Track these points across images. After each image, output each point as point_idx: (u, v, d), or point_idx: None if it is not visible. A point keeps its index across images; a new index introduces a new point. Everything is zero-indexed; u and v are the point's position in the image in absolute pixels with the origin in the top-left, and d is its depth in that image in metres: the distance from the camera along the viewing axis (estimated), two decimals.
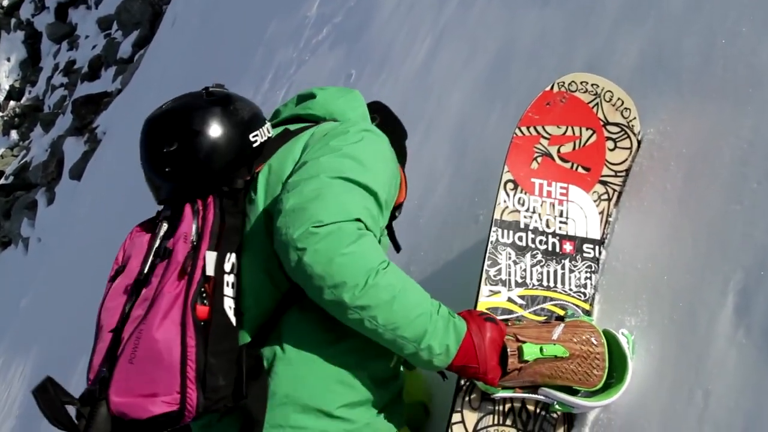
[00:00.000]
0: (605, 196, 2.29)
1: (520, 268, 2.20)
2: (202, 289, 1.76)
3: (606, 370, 1.96)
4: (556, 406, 1.98)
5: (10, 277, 13.68)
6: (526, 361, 1.87)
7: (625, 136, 2.31)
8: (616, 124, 2.31)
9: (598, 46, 2.71)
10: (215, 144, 1.91)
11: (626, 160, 2.31)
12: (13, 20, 23.22)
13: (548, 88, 2.30)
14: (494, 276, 2.16)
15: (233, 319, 1.76)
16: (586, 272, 2.22)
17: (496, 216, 2.19)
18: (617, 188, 2.29)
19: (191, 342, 1.66)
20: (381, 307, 1.70)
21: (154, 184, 1.99)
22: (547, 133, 2.28)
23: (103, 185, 10.25)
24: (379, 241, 1.94)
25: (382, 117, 2.30)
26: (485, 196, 2.41)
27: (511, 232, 2.21)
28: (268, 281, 1.85)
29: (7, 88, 22.97)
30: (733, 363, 1.76)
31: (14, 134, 21.09)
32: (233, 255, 1.82)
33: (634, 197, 2.24)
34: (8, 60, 23.29)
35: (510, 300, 2.16)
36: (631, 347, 1.99)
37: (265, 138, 1.99)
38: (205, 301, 1.75)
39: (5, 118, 21.92)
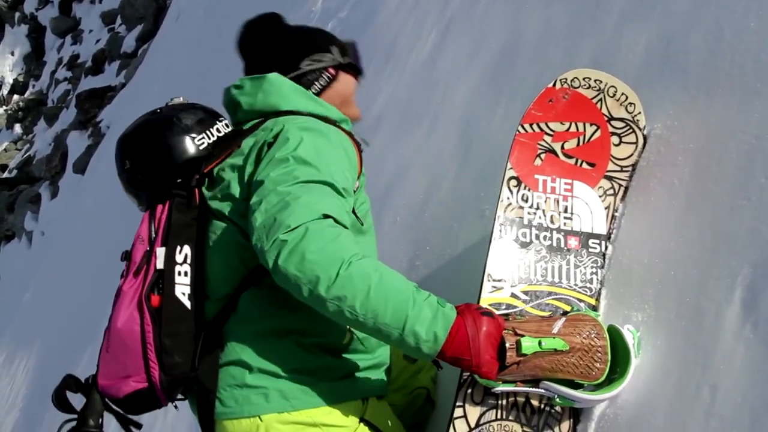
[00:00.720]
0: (611, 191, 2.28)
1: (524, 263, 2.19)
2: (160, 281, 2.02)
3: (608, 364, 1.95)
4: (557, 400, 1.97)
5: (14, 270, 13.69)
6: (525, 355, 1.86)
7: (630, 131, 2.31)
8: (621, 119, 2.31)
9: (603, 41, 2.70)
10: (158, 156, 2.17)
11: (632, 155, 2.30)
12: (17, 14, 23.23)
13: (551, 85, 2.29)
14: (497, 272, 2.15)
15: (187, 304, 2.00)
16: (592, 267, 2.21)
17: (499, 213, 2.19)
18: (623, 183, 2.28)
19: (148, 328, 1.96)
20: (357, 296, 1.77)
21: (130, 196, 2.26)
22: (551, 129, 2.28)
23: (106, 179, 10.23)
24: (362, 224, 2.15)
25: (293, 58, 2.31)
26: (491, 190, 2.40)
27: (514, 229, 2.21)
28: (229, 267, 2.06)
29: (11, 81, 22.98)
30: (740, 358, 1.75)
31: (18, 128, 21.10)
32: (186, 246, 2.04)
33: (641, 192, 2.23)
34: (12, 54, 23.30)
35: (513, 295, 2.16)
36: (636, 343, 1.98)
37: (213, 138, 2.20)
38: (160, 291, 2.01)
39: (9, 111, 21.94)
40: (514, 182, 2.23)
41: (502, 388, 1.95)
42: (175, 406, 2.15)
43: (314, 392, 2.01)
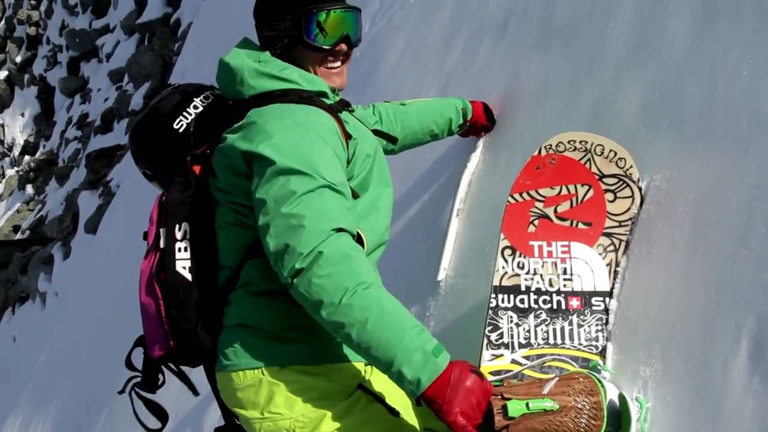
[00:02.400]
0: (611, 248, 2.28)
1: (524, 329, 2.22)
2: (164, 258, 2.20)
3: (605, 420, 1.92)
4: None
5: (29, 332, 13.70)
6: (513, 418, 1.87)
7: (625, 185, 2.31)
8: (613, 176, 2.33)
9: (601, 92, 2.72)
10: (148, 143, 2.39)
11: (629, 208, 2.30)
12: (26, 76, 23.51)
13: (536, 153, 2.34)
14: (496, 340, 2.20)
15: (188, 276, 2.17)
16: (597, 325, 2.21)
17: (495, 283, 2.23)
18: (623, 238, 2.28)
19: (160, 302, 2.17)
20: (354, 326, 1.90)
21: (152, 183, 2.46)
22: (541, 195, 2.32)
23: (118, 238, 10.30)
24: (359, 196, 2.24)
25: (266, 19, 2.35)
26: (495, 245, 2.41)
27: (511, 296, 2.24)
28: (233, 242, 2.21)
29: (22, 143, 23.19)
30: (749, 411, 1.75)
31: (30, 188, 21.24)
32: (185, 223, 2.21)
33: (643, 245, 2.23)
34: (22, 115, 23.54)
35: (514, 362, 2.18)
36: (643, 416, 1.96)
37: (192, 117, 2.32)
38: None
39: (21, 173, 22.10)
40: (508, 251, 2.27)
41: None
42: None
43: (310, 350, 2.15)
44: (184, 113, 2.32)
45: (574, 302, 2.24)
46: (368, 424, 2.15)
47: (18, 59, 23.96)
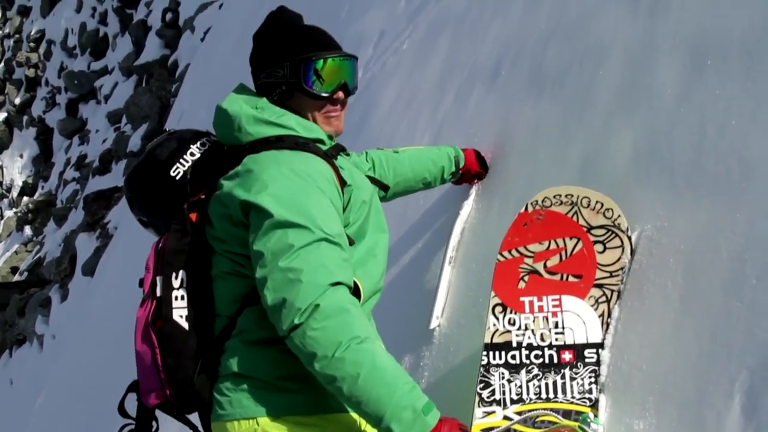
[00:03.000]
0: (603, 299, 2.27)
1: (515, 385, 2.22)
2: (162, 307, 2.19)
3: None
4: None
5: (26, 375, 13.61)
6: None
7: (614, 235, 2.31)
8: (601, 227, 2.34)
9: (592, 139, 2.72)
10: (144, 190, 2.39)
11: (620, 258, 2.29)
12: (25, 117, 23.59)
13: (522, 210, 2.37)
14: (488, 397, 2.21)
15: (185, 325, 2.16)
16: (590, 377, 2.19)
17: (486, 340, 2.25)
18: (615, 288, 2.27)
19: (157, 351, 2.15)
20: (346, 380, 1.93)
21: (148, 230, 2.48)
22: (530, 251, 2.35)
23: (115, 281, 10.27)
24: (354, 242, 2.24)
25: (265, 63, 2.35)
26: (486, 301, 2.41)
27: (503, 353, 2.26)
28: (230, 291, 2.20)
29: (21, 184, 23.21)
30: None
31: (28, 230, 21.22)
32: (181, 272, 2.19)
33: (635, 296, 2.23)
34: (21, 156, 23.59)
35: (506, 418, 2.18)
36: None
37: (189, 164, 2.32)
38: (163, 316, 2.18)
39: (19, 214, 22.10)
40: (499, 308, 2.29)
41: None
42: None
43: (304, 400, 2.14)
44: (181, 160, 2.33)
45: (567, 355, 2.23)
46: None
47: (17, 101, 24.06)
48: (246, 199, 2.09)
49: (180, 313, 2.17)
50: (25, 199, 22.64)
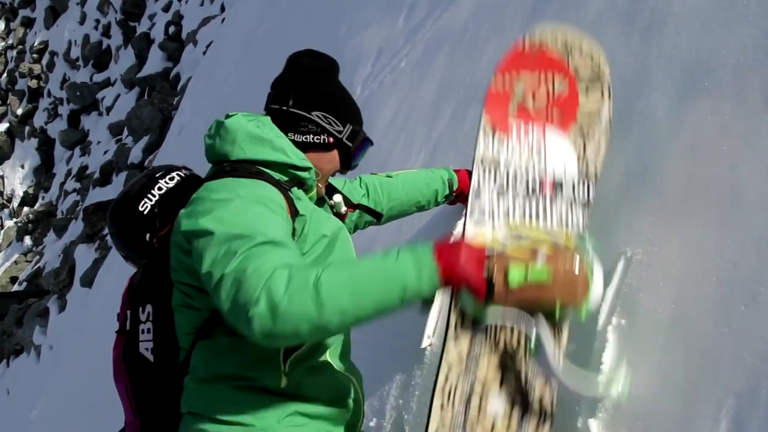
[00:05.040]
0: (580, 140, 2.41)
1: (503, 207, 2.33)
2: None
3: (590, 289, 1.97)
4: (532, 343, 2.01)
5: (23, 385, 13.61)
6: (511, 285, 1.87)
7: (597, 85, 2.45)
8: (588, 77, 2.46)
9: None
10: (119, 225, 2.44)
11: (599, 108, 2.43)
12: (27, 128, 23.69)
13: (519, 40, 2.44)
14: (478, 217, 2.30)
15: (151, 358, 2.19)
16: (567, 207, 2.33)
17: (476, 159, 2.31)
18: (592, 132, 2.42)
19: (128, 383, 2.20)
20: (348, 312, 1.79)
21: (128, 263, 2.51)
22: (522, 82, 2.42)
23: (113, 292, 10.27)
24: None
25: (295, 92, 2.37)
26: None
27: (491, 173, 2.34)
28: (184, 320, 2.16)
29: (21, 194, 23.28)
30: None
31: (28, 240, 21.27)
32: (148, 305, 2.23)
33: (624, 319, 2.23)
34: (22, 167, 23.67)
35: (494, 236, 2.28)
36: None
37: (156, 198, 2.37)
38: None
39: (19, 224, 22.15)
40: (489, 131, 2.35)
41: (489, 318, 2.05)
42: None
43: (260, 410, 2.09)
44: (149, 195, 2.38)
45: (547, 185, 2.36)
46: None
47: (19, 111, 24.16)
48: (189, 227, 2.03)
49: (146, 345, 2.21)
50: (26, 209, 22.71)
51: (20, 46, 25.08)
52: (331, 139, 2.35)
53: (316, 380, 2.19)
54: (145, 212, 2.37)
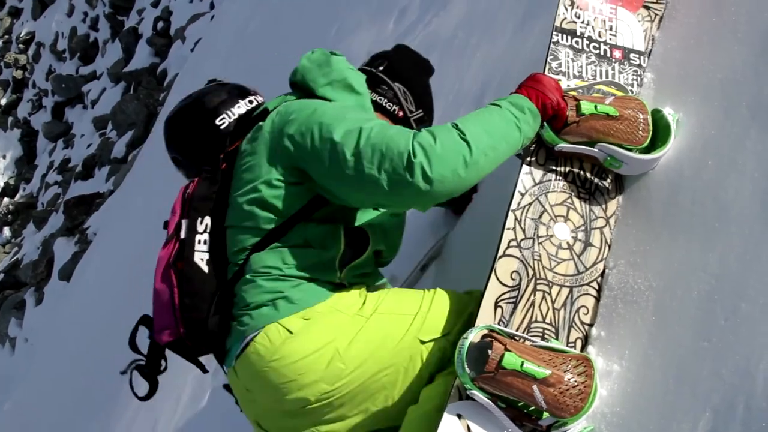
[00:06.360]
0: (648, 18, 2.72)
1: (577, 65, 2.59)
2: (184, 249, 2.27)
3: (650, 133, 2.35)
4: (608, 160, 2.34)
5: None
6: (583, 115, 2.29)
7: None
8: None
9: None
10: (184, 136, 2.53)
11: None
12: (10, 119, 23.50)
13: None
14: (555, 67, 2.56)
15: (205, 268, 2.24)
16: (633, 75, 2.62)
17: (557, 24, 2.60)
18: (659, 12, 2.72)
19: (175, 290, 2.22)
20: (497, 150, 2.12)
21: (178, 170, 2.61)
22: None
23: (92, 287, 10.22)
24: None
25: (389, 62, 2.60)
26: None
27: (568, 37, 2.62)
28: (244, 236, 2.25)
29: (2, 185, 23.09)
30: None
31: (7, 231, 21.09)
32: (207, 218, 2.29)
33: (605, 329, 2.24)
34: (4, 157, 23.47)
35: (568, 87, 2.50)
36: (675, 121, 2.36)
37: (234, 117, 2.46)
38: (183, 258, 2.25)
39: None
40: (568, 2, 2.65)
41: (562, 145, 2.34)
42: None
43: (314, 290, 2.20)
44: (228, 112, 2.47)
45: (617, 53, 2.65)
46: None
47: (2, 102, 23.97)
48: (304, 124, 2.19)
49: (201, 256, 2.25)
50: (6, 200, 22.50)
51: (6, 36, 24.88)
52: (401, 113, 2.54)
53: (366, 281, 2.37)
54: (222, 128, 2.44)
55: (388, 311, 2.22)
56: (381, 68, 2.56)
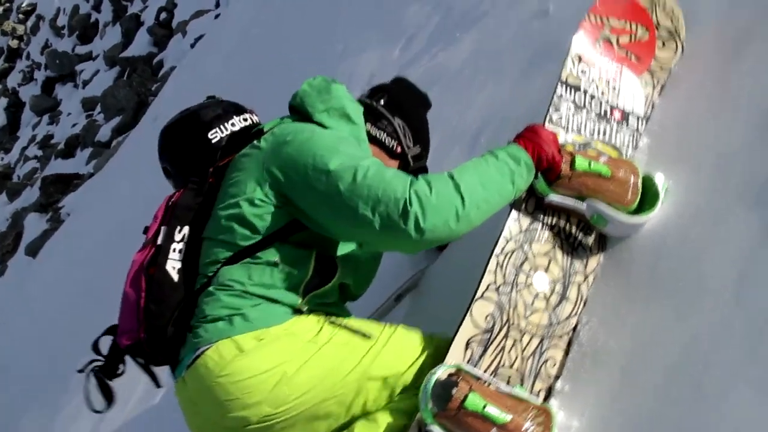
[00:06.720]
0: (651, 84, 2.79)
1: (577, 120, 2.62)
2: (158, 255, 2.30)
3: (638, 196, 2.40)
4: (595, 218, 2.40)
5: None
6: (576, 171, 2.34)
7: (672, 39, 2.84)
8: (666, 28, 2.83)
9: None
10: (177, 146, 2.58)
11: (671, 58, 2.82)
12: None
13: None
14: (556, 120, 2.58)
15: (175, 277, 2.27)
16: (629, 138, 2.68)
17: (562, 77, 2.63)
18: (662, 79, 2.80)
19: (142, 294, 2.25)
20: (486, 197, 2.14)
21: (168, 180, 2.64)
22: (610, 24, 2.77)
23: (59, 268, 10.12)
24: None
25: (389, 96, 2.64)
26: None
27: (572, 92, 2.65)
28: (219, 249, 2.27)
29: None
30: None
31: None
32: (186, 228, 2.33)
33: (570, 383, 2.26)
34: None
35: (565, 141, 2.55)
36: (664, 188, 2.41)
37: (227, 132, 2.50)
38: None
39: None
40: (576, 57, 2.68)
41: (552, 196, 2.39)
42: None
43: (272, 312, 2.21)
44: (221, 126, 2.51)
45: (617, 114, 2.70)
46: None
47: None
48: (297, 150, 2.23)
49: (173, 264, 2.29)
50: None
51: (7, 4, 24.78)
52: (399, 149, 2.59)
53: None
54: (213, 142, 2.48)
55: (342, 342, 2.23)
56: (381, 102, 2.60)
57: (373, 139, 2.52)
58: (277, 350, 2.15)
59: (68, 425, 5.42)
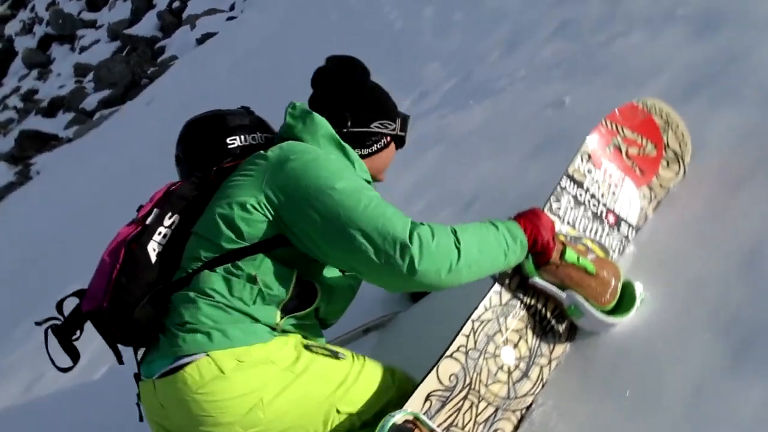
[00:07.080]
0: (648, 198, 2.95)
1: (574, 214, 2.77)
2: (143, 234, 2.35)
3: (616, 298, 2.52)
4: (572, 308, 2.53)
5: None
6: (565, 261, 2.48)
7: (677, 161, 3.02)
8: (674, 151, 3.01)
9: None
10: (195, 140, 2.65)
11: (672, 179, 3.00)
12: None
13: (636, 102, 2.96)
14: (555, 209, 2.73)
15: (153, 258, 2.33)
16: (618, 242, 2.84)
17: (569, 171, 2.78)
18: (659, 197, 2.97)
19: (118, 266, 2.29)
20: (484, 263, 2.25)
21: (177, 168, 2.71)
22: (624, 133, 2.94)
23: (16, 224, 10.02)
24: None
25: (349, 113, 2.59)
26: None
27: (575, 187, 2.80)
28: (205, 249, 2.32)
29: None
30: None
31: None
32: (177, 216, 2.40)
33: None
34: None
35: (559, 231, 2.64)
36: (641, 297, 2.52)
37: (244, 143, 2.59)
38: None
39: None
40: (586, 156, 2.85)
41: (537, 279, 2.52)
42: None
43: (252, 331, 2.26)
44: (242, 137, 2.60)
45: (611, 218, 2.86)
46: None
47: None
48: (302, 169, 2.30)
49: (155, 246, 2.35)
50: None
51: None
52: (389, 138, 2.66)
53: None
54: (230, 147, 2.57)
55: (317, 374, 2.31)
56: (350, 123, 2.57)
57: (367, 155, 2.60)
58: (256, 375, 2.21)
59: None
